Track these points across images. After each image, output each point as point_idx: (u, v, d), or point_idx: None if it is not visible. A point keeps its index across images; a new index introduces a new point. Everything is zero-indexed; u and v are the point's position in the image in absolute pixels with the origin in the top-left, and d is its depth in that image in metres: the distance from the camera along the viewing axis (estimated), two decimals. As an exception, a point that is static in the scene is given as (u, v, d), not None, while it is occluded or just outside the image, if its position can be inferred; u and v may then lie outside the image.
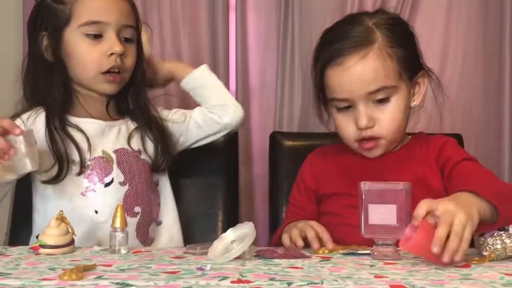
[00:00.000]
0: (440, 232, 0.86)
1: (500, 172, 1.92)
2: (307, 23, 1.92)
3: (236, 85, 1.96)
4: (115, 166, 1.24)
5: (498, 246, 0.93)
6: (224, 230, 0.99)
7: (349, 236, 1.10)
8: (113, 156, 1.25)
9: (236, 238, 0.94)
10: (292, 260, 0.92)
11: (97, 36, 1.22)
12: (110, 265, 0.88)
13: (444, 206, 0.89)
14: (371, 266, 0.88)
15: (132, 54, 1.27)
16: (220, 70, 1.94)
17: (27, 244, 1.15)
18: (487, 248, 0.94)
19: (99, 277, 0.78)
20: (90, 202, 1.21)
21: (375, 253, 0.95)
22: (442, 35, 1.97)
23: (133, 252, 1.00)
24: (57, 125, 1.21)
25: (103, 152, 1.24)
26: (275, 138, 1.58)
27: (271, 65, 1.97)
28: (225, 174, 1.53)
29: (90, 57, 1.22)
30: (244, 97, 1.96)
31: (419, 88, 1.22)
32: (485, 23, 1.98)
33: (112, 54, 1.22)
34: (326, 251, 1.00)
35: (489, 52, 1.98)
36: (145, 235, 1.26)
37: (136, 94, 1.31)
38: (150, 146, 1.31)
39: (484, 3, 1.98)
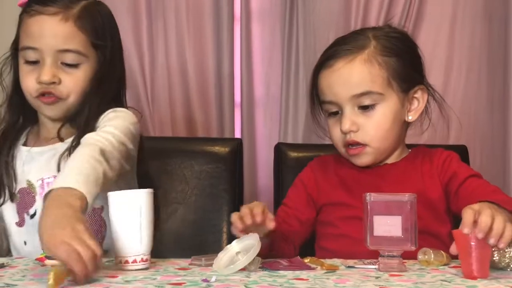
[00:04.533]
0: (485, 218, 0.86)
1: (506, 182, 1.91)
2: (312, 35, 1.93)
3: (241, 96, 1.97)
4: (38, 197, 1.18)
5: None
6: (229, 242, 0.99)
7: (347, 246, 1.11)
8: (36, 185, 1.18)
9: (241, 249, 0.94)
10: (297, 272, 0.92)
11: (34, 62, 1.16)
12: (116, 277, 0.88)
13: (484, 210, 0.89)
14: (377, 278, 0.88)
15: (73, 79, 1.16)
16: (225, 81, 1.95)
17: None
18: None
19: (105, 289, 0.79)
20: (21, 232, 1.20)
21: (380, 265, 0.94)
22: (446, 46, 1.98)
23: (138, 264, 1.00)
24: (3, 153, 1.20)
25: (27, 182, 1.20)
26: (280, 150, 1.58)
27: (275, 76, 1.98)
28: (229, 185, 1.53)
29: (25, 83, 1.18)
30: (249, 108, 1.97)
31: (417, 104, 1.21)
32: (489, 35, 1.99)
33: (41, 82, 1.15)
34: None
35: (494, 63, 1.98)
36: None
37: (85, 115, 1.18)
38: None
39: (488, 15, 1.98)
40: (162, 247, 1.39)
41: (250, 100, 1.97)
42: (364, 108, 1.17)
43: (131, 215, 0.93)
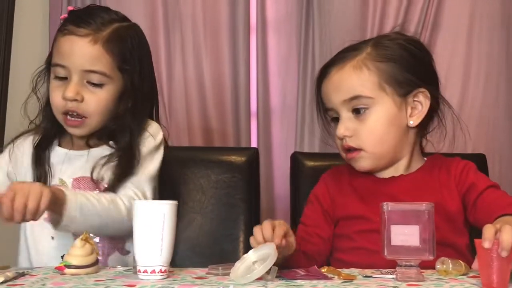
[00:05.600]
0: (506, 237, 0.84)
1: (525, 192, 1.89)
2: (328, 44, 1.93)
3: (257, 106, 1.97)
4: None
5: None
6: (246, 251, 0.98)
7: (364, 258, 1.10)
8: (70, 184, 1.25)
9: (258, 258, 0.94)
10: (314, 281, 0.92)
11: (63, 78, 1.23)
12: (134, 285, 0.88)
13: (504, 228, 0.87)
14: (394, 287, 0.88)
15: (95, 98, 1.22)
16: (241, 91, 1.96)
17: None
18: None
19: (123, 297, 0.79)
20: (49, 227, 1.21)
21: (398, 274, 0.94)
22: (464, 55, 1.97)
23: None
24: (38, 154, 1.27)
25: (60, 180, 1.26)
26: (296, 159, 1.58)
27: (291, 86, 1.98)
28: (246, 194, 1.53)
29: (53, 98, 1.25)
30: (265, 118, 1.97)
31: (421, 108, 1.20)
32: (507, 42, 1.98)
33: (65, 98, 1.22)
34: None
35: (512, 71, 1.97)
36: (103, 264, 1.21)
37: (115, 134, 1.25)
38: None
39: (506, 23, 1.97)
40: (179, 256, 1.40)
41: (266, 110, 1.97)
42: (357, 112, 1.18)
43: (154, 225, 0.94)
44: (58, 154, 1.29)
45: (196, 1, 1.97)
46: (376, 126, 1.18)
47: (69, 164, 1.27)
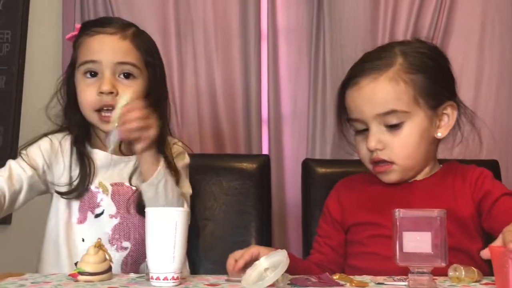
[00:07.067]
0: None
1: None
2: (338, 51, 1.93)
3: (268, 113, 1.98)
4: (108, 198, 1.26)
5: None
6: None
7: (377, 264, 1.09)
8: (109, 188, 1.27)
9: (269, 265, 0.94)
10: (326, 289, 0.92)
11: (93, 75, 1.25)
12: (146, 292, 0.89)
13: None
14: (407, 295, 0.87)
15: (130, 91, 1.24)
16: (252, 98, 1.97)
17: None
18: None
19: (136, 304, 0.79)
20: (80, 229, 1.24)
21: (410, 281, 0.93)
22: (476, 59, 1.96)
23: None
24: (82, 153, 1.28)
25: (100, 183, 1.27)
26: (308, 165, 1.58)
27: (302, 93, 1.99)
28: (257, 201, 1.53)
29: (84, 96, 1.26)
30: (276, 125, 1.98)
31: (448, 120, 1.19)
32: (519, 46, 1.96)
33: (101, 92, 1.23)
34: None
35: (525, 75, 1.95)
36: (134, 272, 1.22)
37: None
38: None
39: (518, 27, 1.96)
40: (191, 263, 1.40)
41: (277, 117, 1.98)
42: (391, 126, 1.16)
43: (166, 232, 0.94)
44: (101, 157, 1.29)
45: (207, 10, 1.99)
46: (409, 140, 1.16)
47: (111, 169, 1.29)
